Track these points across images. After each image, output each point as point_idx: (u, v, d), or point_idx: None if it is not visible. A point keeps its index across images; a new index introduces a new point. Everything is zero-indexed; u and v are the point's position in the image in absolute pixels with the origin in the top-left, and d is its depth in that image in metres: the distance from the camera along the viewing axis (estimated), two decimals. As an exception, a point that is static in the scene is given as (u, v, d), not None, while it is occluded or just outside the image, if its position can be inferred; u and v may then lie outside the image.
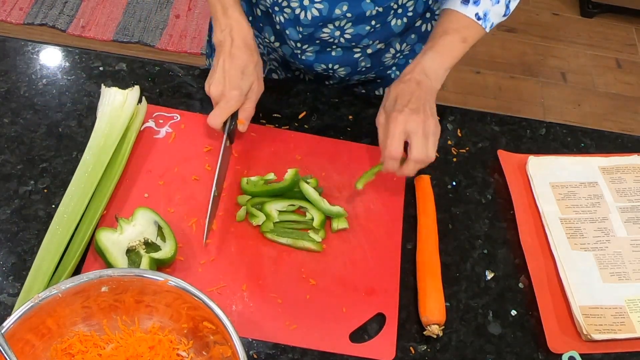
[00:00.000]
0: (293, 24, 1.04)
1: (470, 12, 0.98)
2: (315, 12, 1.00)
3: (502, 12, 1.00)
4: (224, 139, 0.96)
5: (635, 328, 0.89)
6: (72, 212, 0.88)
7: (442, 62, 0.99)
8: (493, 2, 0.98)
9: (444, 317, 0.86)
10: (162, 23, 2.55)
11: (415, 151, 0.91)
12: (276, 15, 1.05)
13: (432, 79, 0.98)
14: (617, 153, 1.10)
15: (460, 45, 1.00)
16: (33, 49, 1.09)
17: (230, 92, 0.95)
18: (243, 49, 0.96)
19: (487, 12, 0.98)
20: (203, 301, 0.73)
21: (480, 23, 0.99)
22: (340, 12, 1.00)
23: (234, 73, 0.95)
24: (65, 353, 0.76)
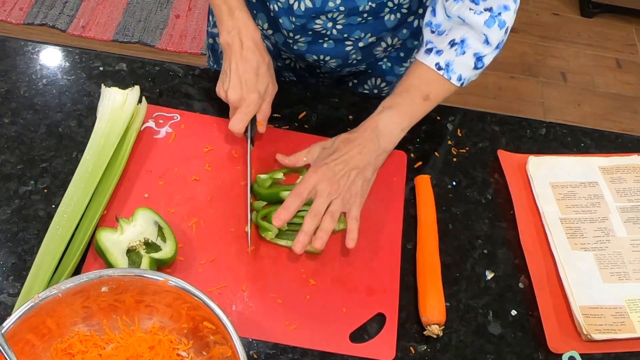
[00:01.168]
0: (286, 14, 1.04)
1: (431, 62, 0.96)
2: (309, 3, 1.00)
3: (471, 65, 0.96)
4: (248, 143, 0.97)
5: (635, 328, 0.89)
6: (72, 212, 0.88)
7: (400, 122, 0.97)
8: (457, 53, 0.95)
9: (444, 317, 0.86)
10: (162, 23, 2.55)
11: (313, 207, 0.89)
12: (270, 3, 1.05)
13: (384, 141, 0.96)
14: (617, 153, 1.10)
15: (421, 104, 0.98)
16: (33, 49, 1.09)
17: (249, 95, 0.94)
18: (254, 51, 0.96)
19: (449, 62, 0.96)
20: (203, 301, 0.73)
21: (441, 73, 0.96)
22: (334, 5, 1.00)
23: (250, 76, 0.94)
24: (65, 353, 0.76)
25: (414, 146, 1.06)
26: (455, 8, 0.94)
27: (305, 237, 0.87)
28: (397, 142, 0.99)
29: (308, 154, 0.98)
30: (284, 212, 0.88)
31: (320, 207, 0.90)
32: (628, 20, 2.95)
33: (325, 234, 0.88)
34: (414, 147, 1.06)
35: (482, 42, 0.95)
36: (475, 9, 0.93)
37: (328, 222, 0.89)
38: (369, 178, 0.95)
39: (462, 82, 0.98)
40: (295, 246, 0.88)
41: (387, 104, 0.98)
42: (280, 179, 0.97)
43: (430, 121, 1.09)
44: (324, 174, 0.91)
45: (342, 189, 0.91)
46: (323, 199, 0.90)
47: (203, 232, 0.92)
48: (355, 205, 0.92)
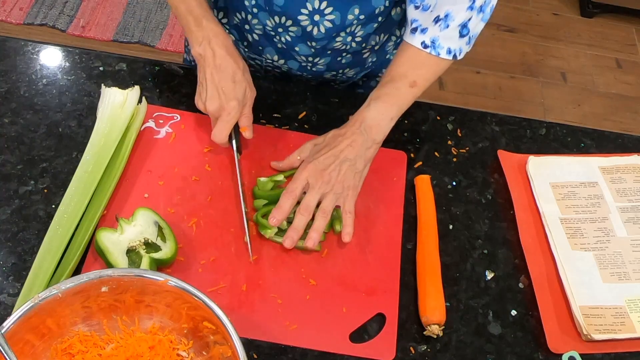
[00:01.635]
0: (303, 40, 1.03)
1: (417, 42, 0.96)
2: (328, 24, 0.99)
3: (456, 35, 0.95)
4: (235, 152, 0.96)
5: (635, 328, 0.89)
6: (72, 212, 0.88)
7: (387, 112, 0.97)
8: (442, 28, 0.94)
9: (444, 317, 0.86)
10: (162, 23, 2.55)
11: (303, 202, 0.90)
12: (280, 35, 1.03)
13: (373, 132, 0.96)
14: (617, 153, 1.10)
15: (408, 91, 0.97)
16: (33, 49, 1.09)
17: (229, 103, 0.93)
18: (227, 58, 0.94)
19: (435, 38, 0.95)
20: (203, 301, 0.73)
21: (428, 51, 0.95)
22: (353, 17, 0.98)
23: (226, 84, 0.93)
24: (65, 353, 0.76)
25: (414, 146, 1.06)
26: None
27: (295, 233, 0.88)
28: (387, 132, 0.98)
29: (301, 152, 0.98)
30: (278, 212, 0.89)
31: (311, 201, 0.90)
32: (628, 20, 2.95)
33: (317, 233, 0.89)
34: (414, 147, 1.06)
35: (466, 8, 0.93)
36: None
37: (320, 220, 0.89)
38: (361, 170, 0.95)
39: (453, 54, 0.96)
40: (284, 241, 0.88)
41: (374, 95, 0.98)
42: (281, 182, 0.97)
43: (430, 121, 1.09)
44: (314, 167, 0.91)
45: (333, 182, 0.91)
46: (314, 193, 0.90)
47: (203, 232, 0.92)
48: (349, 198, 0.92)
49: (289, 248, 0.89)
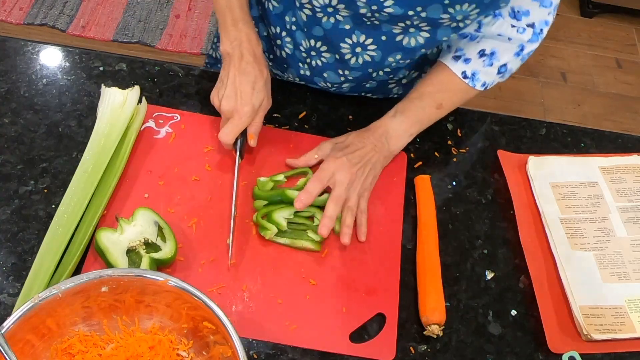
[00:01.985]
0: (335, 68, 1.02)
1: (458, 70, 0.97)
2: (368, 58, 0.98)
3: (495, 72, 0.97)
4: (237, 156, 0.96)
5: (635, 328, 0.89)
6: (72, 212, 0.88)
7: (409, 127, 1.00)
8: (485, 64, 0.96)
9: (444, 317, 0.86)
10: (162, 23, 2.55)
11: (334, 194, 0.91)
12: (312, 59, 1.03)
13: (392, 144, 0.99)
14: (617, 153, 1.10)
15: (433, 112, 1.00)
16: (33, 49, 1.09)
17: (243, 108, 0.93)
18: (253, 64, 0.95)
19: (476, 72, 0.97)
20: (203, 301, 0.73)
21: (467, 82, 0.97)
22: (393, 60, 0.98)
23: (246, 89, 0.93)
24: (65, 353, 0.76)
25: (414, 146, 1.06)
26: (495, 26, 0.93)
27: (330, 220, 0.90)
28: (404, 146, 1.02)
29: (319, 150, 0.99)
30: (305, 195, 0.90)
31: (343, 194, 0.92)
32: (628, 20, 2.95)
33: (349, 229, 0.91)
34: (414, 147, 1.06)
35: (513, 54, 0.96)
36: (517, 25, 0.93)
37: (349, 217, 0.92)
38: (377, 175, 0.98)
39: (486, 86, 0.99)
40: (320, 229, 0.89)
41: (400, 108, 1.00)
42: (281, 182, 0.97)
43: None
44: (342, 163, 0.93)
45: (358, 182, 0.94)
46: (343, 187, 0.92)
47: (203, 232, 0.92)
48: (364, 199, 0.95)
49: (325, 236, 0.90)
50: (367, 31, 0.93)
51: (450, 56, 0.98)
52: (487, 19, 0.93)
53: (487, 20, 0.93)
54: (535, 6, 0.93)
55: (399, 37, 0.93)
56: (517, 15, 0.93)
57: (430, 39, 0.92)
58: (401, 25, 0.90)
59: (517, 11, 0.93)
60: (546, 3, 0.92)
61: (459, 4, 0.84)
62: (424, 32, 0.91)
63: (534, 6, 0.93)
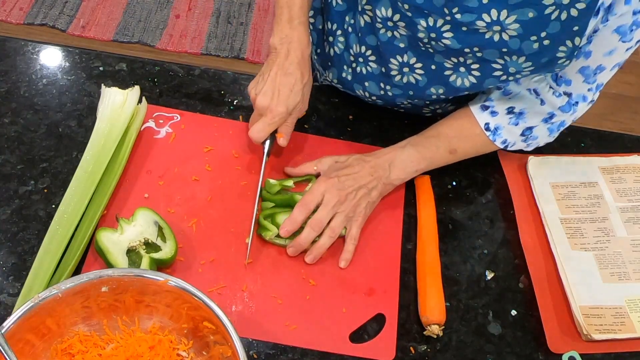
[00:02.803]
0: (377, 79, 1.01)
1: (482, 120, 0.96)
2: (412, 79, 0.97)
3: (518, 133, 0.97)
4: (265, 154, 0.95)
5: (635, 328, 0.89)
6: (72, 212, 0.88)
7: (417, 163, 0.97)
8: (511, 122, 0.95)
9: (444, 317, 0.86)
10: (162, 23, 2.55)
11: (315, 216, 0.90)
12: (358, 65, 1.02)
13: (394, 174, 0.96)
14: (617, 153, 1.10)
15: (445, 155, 0.98)
16: (33, 49, 1.09)
17: (277, 107, 0.91)
18: (297, 66, 0.93)
19: (499, 126, 0.96)
20: (203, 301, 0.73)
21: (487, 135, 0.97)
22: (435, 92, 0.97)
23: (283, 89, 0.92)
24: (65, 353, 0.76)
25: (414, 146, 1.06)
26: (534, 80, 0.92)
27: (300, 245, 0.89)
28: (407, 179, 0.99)
29: (319, 163, 0.98)
30: (290, 223, 0.89)
31: (324, 217, 0.90)
32: (628, 20, 2.94)
33: (319, 252, 0.90)
34: (414, 147, 1.06)
35: (542, 119, 0.95)
36: (555, 89, 0.92)
37: (326, 238, 0.90)
38: (374, 201, 0.95)
39: (507, 145, 0.98)
40: (289, 249, 0.89)
41: (414, 141, 0.98)
42: (290, 187, 0.96)
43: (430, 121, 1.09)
44: (333, 184, 0.91)
45: (347, 205, 0.91)
46: (327, 209, 0.90)
47: (203, 232, 0.92)
48: (356, 224, 0.93)
49: (292, 256, 0.90)
50: (419, 56, 0.92)
51: (479, 105, 0.97)
52: None
53: None
54: (579, 79, 0.91)
55: (448, 72, 0.92)
56: (558, 80, 0.92)
57: (477, 84, 0.91)
58: (454, 61, 0.90)
59: (560, 76, 0.91)
60: (590, 80, 0.91)
61: (515, 55, 0.83)
62: (472, 77, 0.91)
63: (578, 78, 0.91)
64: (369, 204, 0.94)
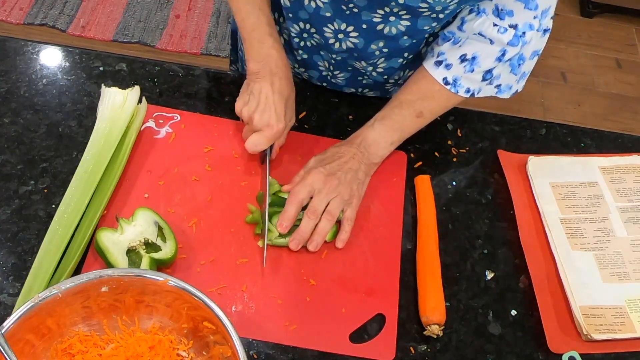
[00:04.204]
0: (324, 51, 1.03)
1: (439, 76, 0.96)
2: (350, 44, 0.98)
3: (479, 79, 0.95)
4: (267, 167, 0.96)
5: (635, 328, 0.89)
6: (72, 212, 0.88)
7: (389, 136, 0.98)
8: (466, 70, 0.94)
9: (444, 317, 0.86)
10: (162, 23, 2.55)
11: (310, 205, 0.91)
12: (304, 41, 1.03)
13: (372, 152, 0.98)
14: (617, 153, 1.10)
15: (413, 120, 0.99)
16: (33, 49, 1.09)
17: (278, 125, 0.93)
18: (286, 82, 0.95)
19: (457, 77, 0.95)
20: (203, 301, 0.73)
21: (448, 88, 0.96)
22: (376, 48, 0.97)
23: (280, 106, 0.94)
24: (65, 353, 0.76)
25: (414, 146, 1.06)
26: (477, 23, 0.91)
27: (301, 236, 0.90)
28: (385, 155, 1.00)
29: (305, 168, 0.97)
30: (284, 218, 0.90)
31: (319, 205, 0.90)
32: (628, 20, 2.95)
33: (320, 237, 0.90)
34: (414, 147, 1.06)
35: (495, 58, 0.93)
36: (500, 24, 0.91)
37: (325, 223, 0.90)
38: (363, 181, 0.96)
39: (472, 92, 0.97)
40: (291, 243, 0.90)
41: (380, 116, 1.00)
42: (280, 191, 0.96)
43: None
44: (319, 172, 0.92)
45: (340, 187, 0.92)
46: (321, 197, 0.91)
47: (203, 232, 0.92)
48: (352, 206, 0.94)
49: (294, 250, 0.90)
50: (346, 19, 0.93)
51: (432, 62, 0.96)
52: (470, 16, 0.92)
53: (470, 17, 0.92)
54: (520, 7, 0.90)
55: (380, 27, 0.93)
56: (500, 14, 0.91)
57: (411, 27, 0.92)
58: (380, 13, 0.90)
59: (501, 9, 0.90)
60: (531, 5, 0.89)
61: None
62: (404, 21, 0.91)
63: (518, 7, 0.90)
64: (359, 185, 0.95)
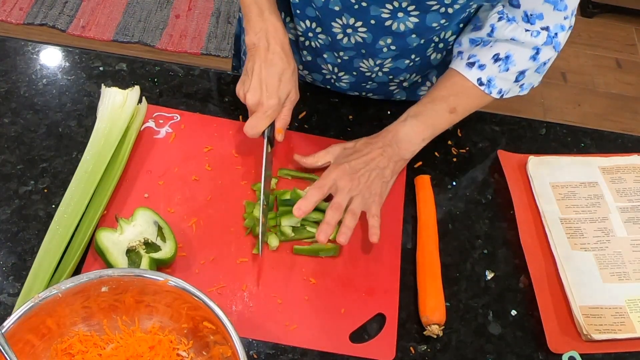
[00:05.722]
0: (330, 50, 1.02)
1: (473, 77, 0.95)
2: (359, 39, 0.97)
3: (512, 79, 0.96)
4: (265, 145, 0.94)
5: (635, 328, 0.89)
6: (72, 212, 0.88)
7: (422, 132, 0.97)
8: (501, 69, 0.94)
9: (444, 317, 0.86)
10: (162, 23, 2.55)
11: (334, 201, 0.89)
12: (310, 41, 1.02)
13: (403, 148, 0.97)
14: (617, 153, 1.10)
15: (446, 116, 0.98)
16: (33, 49, 1.09)
17: (268, 101, 0.91)
18: (280, 55, 0.92)
19: (491, 78, 0.95)
20: (203, 301, 0.73)
21: (482, 89, 0.95)
22: (384, 44, 0.96)
23: (272, 81, 0.91)
24: (65, 353, 0.76)
25: (414, 146, 1.06)
26: (509, 30, 0.91)
27: (329, 227, 0.88)
28: (417, 151, 0.99)
29: (328, 153, 0.98)
30: (304, 202, 0.88)
31: (342, 201, 0.90)
32: (628, 20, 2.95)
33: (349, 229, 0.89)
34: (414, 147, 1.06)
35: (529, 58, 0.93)
36: (531, 29, 0.91)
37: (350, 219, 0.90)
38: (388, 180, 0.96)
39: (502, 94, 0.97)
40: (319, 235, 0.87)
41: (412, 112, 0.98)
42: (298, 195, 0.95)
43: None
44: (344, 170, 0.92)
45: (362, 187, 0.92)
46: (344, 194, 0.90)
47: (203, 232, 0.92)
48: (375, 204, 0.93)
49: (323, 242, 0.88)
50: (355, 14, 0.92)
51: (464, 63, 0.96)
52: (500, 23, 0.92)
53: (500, 24, 0.92)
54: (549, 9, 0.90)
55: (388, 22, 0.92)
56: (530, 19, 0.91)
57: (420, 24, 0.91)
58: (389, 8, 0.89)
59: (531, 14, 0.90)
60: (560, 6, 0.89)
61: None
62: (412, 17, 0.90)
63: (548, 9, 0.90)
64: (384, 184, 0.94)
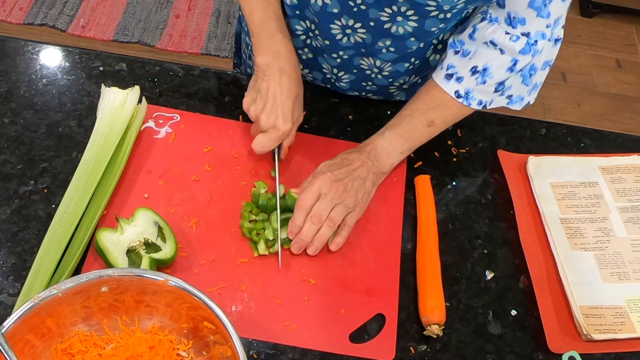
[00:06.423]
0: (330, 51, 1.02)
1: (450, 89, 0.95)
2: (359, 39, 0.97)
3: (491, 90, 0.94)
4: (276, 160, 0.96)
5: (635, 328, 0.89)
6: (72, 212, 0.88)
7: (399, 145, 0.98)
8: (478, 82, 0.93)
9: (444, 317, 0.86)
10: (162, 23, 2.55)
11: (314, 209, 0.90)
12: (311, 39, 1.02)
13: (382, 161, 0.97)
14: (617, 153, 1.10)
15: (424, 129, 0.98)
16: (33, 49, 1.09)
17: (285, 125, 0.93)
18: (295, 81, 0.94)
19: (469, 90, 0.94)
20: (203, 301, 0.73)
21: (460, 101, 0.95)
22: (383, 45, 0.96)
23: (287, 105, 0.93)
24: (65, 353, 0.76)
25: (414, 146, 1.06)
26: (489, 31, 0.91)
27: (304, 240, 0.89)
28: (395, 164, 0.99)
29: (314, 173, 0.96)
30: (295, 227, 0.89)
31: (323, 210, 0.90)
32: (628, 20, 2.95)
33: (321, 242, 0.90)
34: (414, 147, 1.06)
35: (506, 69, 0.93)
36: (512, 32, 0.90)
37: (326, 229, 0.90)
38: (369, 191, 0.95)
39: (484, 105, 0.97)
40: (293, 246, 0.89)
41: (390, 125, 0.99)
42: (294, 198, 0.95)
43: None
44: (327, 178, 0.91)
45: (345, 195, 0.91)
46: (326, 202, 0.90)
47: (203, 232, 0.92)
48: (354, 215, 0.93)
49: (296, 253, 0.90)
50: (354, 16, 0.92)
51: (442, 75, 0.96)
52: (482, 24, 0.92)
53: (482, 25, 0.92)
54: (532, 15, 0.89)
55: (387, 25, 0.92)
56: (512, 22, 0.90)
57: (419, 28, 0.91)
58: (388, 12, 0.89)
59: (514, 17, 0.89)
60: (544, 13, 0.89)
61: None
62: (411, 22, 0.90)
63: (531, 14, 0.89)
64: (365, 194, 0.94)
